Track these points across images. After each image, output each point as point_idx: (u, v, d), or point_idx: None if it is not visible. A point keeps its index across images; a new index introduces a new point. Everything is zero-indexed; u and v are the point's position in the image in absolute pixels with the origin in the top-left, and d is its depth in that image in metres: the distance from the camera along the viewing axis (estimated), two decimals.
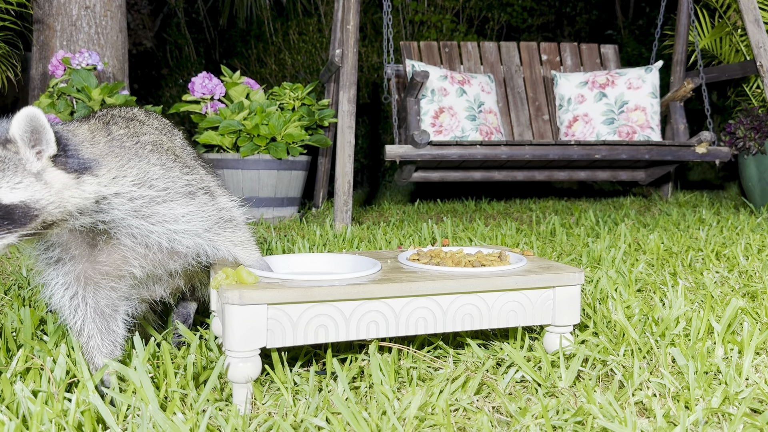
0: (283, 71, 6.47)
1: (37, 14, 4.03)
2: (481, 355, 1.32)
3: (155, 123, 1.36)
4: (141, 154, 1.16)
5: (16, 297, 1.70)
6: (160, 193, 1.15)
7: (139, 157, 1.15)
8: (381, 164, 6.48)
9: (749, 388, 1.11)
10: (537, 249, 2.47)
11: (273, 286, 1.14)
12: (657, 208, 4.17)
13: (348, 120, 3.32)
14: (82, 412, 1.00)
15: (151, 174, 1.15)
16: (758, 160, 3.91)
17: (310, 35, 6.52)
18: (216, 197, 1.26)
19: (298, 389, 1.18)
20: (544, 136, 4.40)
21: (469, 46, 4.50)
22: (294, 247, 2.51)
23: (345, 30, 3.39)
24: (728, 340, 1.34)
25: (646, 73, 4.18)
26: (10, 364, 1.25)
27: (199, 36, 7.70)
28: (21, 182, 0.99)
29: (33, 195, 1.00)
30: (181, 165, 1.21)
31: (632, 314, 1.55)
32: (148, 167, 1.15)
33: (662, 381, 1.16)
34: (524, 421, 1.02)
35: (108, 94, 3.37)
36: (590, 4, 8.57)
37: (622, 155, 3.70)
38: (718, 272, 2.04)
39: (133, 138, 1.19)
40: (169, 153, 1.22)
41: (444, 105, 3.98)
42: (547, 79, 4.51)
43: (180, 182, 1.18)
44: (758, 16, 3.80)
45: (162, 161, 1.18)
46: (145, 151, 1.17)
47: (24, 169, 1.00)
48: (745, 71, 4.05)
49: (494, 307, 1.26)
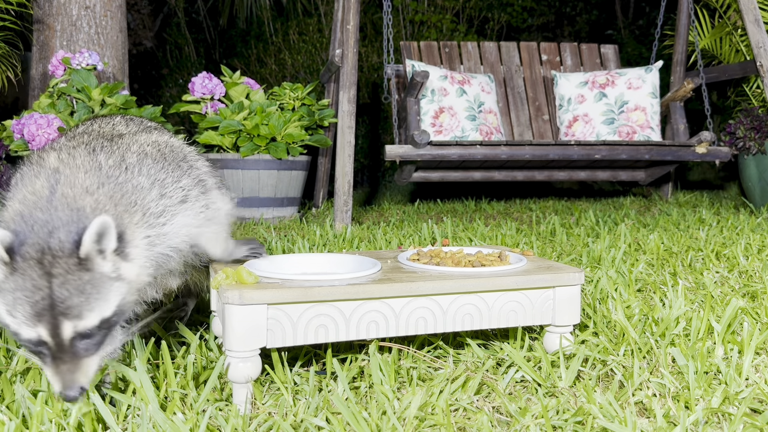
0: (283, 71, 6.47)
1: (37, 14, 4.03)
2: (481, 355, 1.32)
3: (135, 129, 1.29)
4: (142, 183, 1.11)
5: None
6: (165, 213, 1.13)
7: (143, 188, 1.10)
8: (381, 164, 6.48)
9: (749, 388, 1.11)
10: (537, 249, 2.47)
11: (273, 286, 1.14)
12: (657, 208, 4.17)
13: (348, 120, 3.32)
14: (84, 414, 1.00)
15: (151, 203, 1.10)
16: (758, 160, 3.91)
17: (310, 35, 6.52)
18: (209, 191, 1.24)
19: (298, 389, 1.18)
20: (544, 136, 4.40)
21: (469, 46, 4.50)
22: (294, 247, 2.51)
23: (345, 30, 3.39)
24: (728, 340, 1.34)
25: (646, 73, 4.18)
26: (10, 364, 1.25)
27: (199, 36, 7.70)
28: (109, 292, 0.96)
29: (120, 297, 0.98)
30: (172, 167, 1.18)
31: (632, 314, 1.55)
32: (150, 194, 1.11)
33: (662, 381, 1.16)
34: (524, 421, 1.02)
35: (108, 94, 3.37)
36: (590, 4, 8.57)
37: (622, 155, 3.70)
38: (718, 272, 2.04)
39: (123, 168, 1.11)
40: (157, 161, 1.16)
41: (444, 105, 3.98)
42: (547, 79, 4.51)
43: (177, 192, 1.16)
44: (758, 16, 3.80)
45: (153, 178, 1.13)
46: (142, 178, 1.11)
47: (106, 278, 0.97)
48: (745, 71, 4.05)
49: (494, 307, 1.26)
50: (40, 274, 0.92)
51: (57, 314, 0.92)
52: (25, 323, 0.91)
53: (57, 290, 0.92)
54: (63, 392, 0.93)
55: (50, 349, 0.93)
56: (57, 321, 0.92)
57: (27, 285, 0.91)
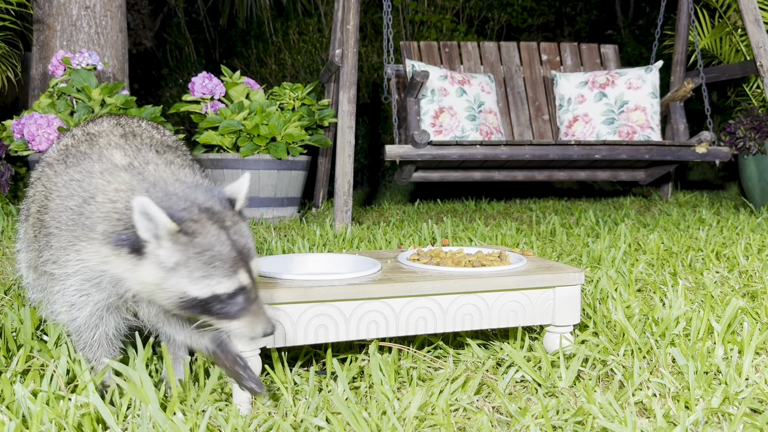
0: (283, 71, 6.47)
1: (37, 14, 4.03)
2: (481, 355, 1.32)
3: (118, 132, 1.29)
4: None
5: (16, 297, 1.70)
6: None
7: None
8: (381, 164, 6.48)
9: (749, 388, 1.11)
10: (537, 249, 2.47)
11: (273, 286, 1.14)
12: (657, 208, 4.16)
13: (348, 120, 3.32)
14: (82, 415, 1.00)
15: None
16: (758, 160, 3.91)
17: (310, 35, 6.52)
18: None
19: (298, 389, 1.18)
20: (544, 136, 4.40)
21: (469, 46, 4.50)
22: (294, 247, 2.51)
23: (345, 30, 3.39)
24: (728, 340, 1.34)
25: (646, 73, 4.18)
26: (10, 364, 1.25)
27: (199, 36, 7.70)
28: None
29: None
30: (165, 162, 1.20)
31: (632, 314, 1.55)
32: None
33: (662, 381, 1.16)
34: (524, 421, 1.02)
35: (108, 94, 3.37)
36: (590, 4, 8.56)
37: (622, 155, 3.70)
38: (718, 272, 2.04)
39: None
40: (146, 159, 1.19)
41: (444, 105, 3.98)
42: (547, 79, 4.51)
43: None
44: (758, 16, 3.80)
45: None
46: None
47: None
48: (745, 71, 4.05)
49: (494, 307, 1.26)
50: (218, 229, 0.98)
51: (245, 257, 0.99)
52: (225, 276, 0.97)
53: (235, 238, 0.99)
54: (265, 329, 1.00)
55: (248, 293, 0.99)
56: (248, 263, 0.99)
57: (212, 241, 0.97)
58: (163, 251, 0.96)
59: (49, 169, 1.20)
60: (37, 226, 1.14)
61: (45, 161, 1.27)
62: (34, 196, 1.22)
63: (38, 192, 1.19)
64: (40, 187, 1.19)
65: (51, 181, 1.15)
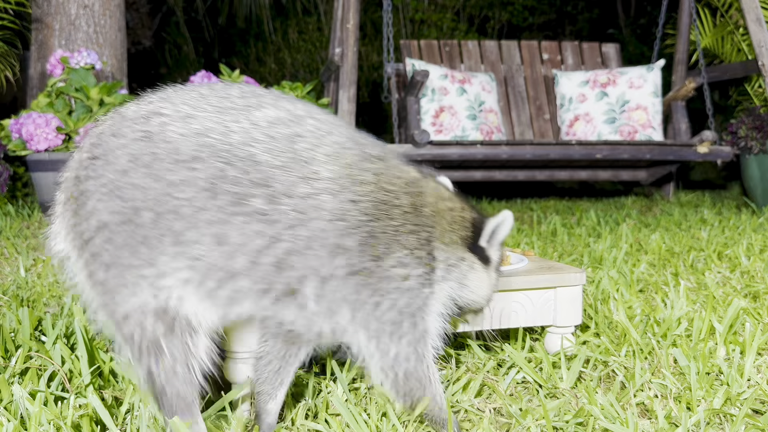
0: (282, 70, 6.47)
1: (35, 13, 4.03)
2: (482, 356, 1.31)
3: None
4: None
5: (15, 297, 1.70)
6: None
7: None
8: None
9: (751, 389, 1.10)
10: (538, 249, 2.47)
11: None
12: (658, 207, 4.16)
13: (348, 119, 3.31)
14: (80, 416, 1.00)
15: None
16: (760, 159, 3.90)
17: (310, 34, 6.51)
18: None
19: (298, 390, 1.17)
20: (545, 136, 4.39)
21: (469, 45, 4.49)
22: None
23: (345, 29, 3.39)
24: (730, 341, 1.33)
25: (648, 72, 4.18)
26: (8, 364, 1.24)
27: (198, 35, 7.70)
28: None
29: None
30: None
31: (634, 315, 1.55)
32: None
33: (664, 382, 1.15)
34: (525, 423, 1.02)
35: (106, 93, 3.36)
36: (591, 3, 8.56)
37: (624, 155, 3.70)
38: (720, 272, 2.03)
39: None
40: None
41: (444, 104, 3.97)
42: (548, 78, 4.50)
43: None
44: (760, 15, 3.79)
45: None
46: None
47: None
48: (746, 70, 4.04)
49: (495, 307, 1.26)
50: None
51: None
52: None
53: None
54: None
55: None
56: None
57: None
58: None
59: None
60: None
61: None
62: None
63: None
64: None
65: None
